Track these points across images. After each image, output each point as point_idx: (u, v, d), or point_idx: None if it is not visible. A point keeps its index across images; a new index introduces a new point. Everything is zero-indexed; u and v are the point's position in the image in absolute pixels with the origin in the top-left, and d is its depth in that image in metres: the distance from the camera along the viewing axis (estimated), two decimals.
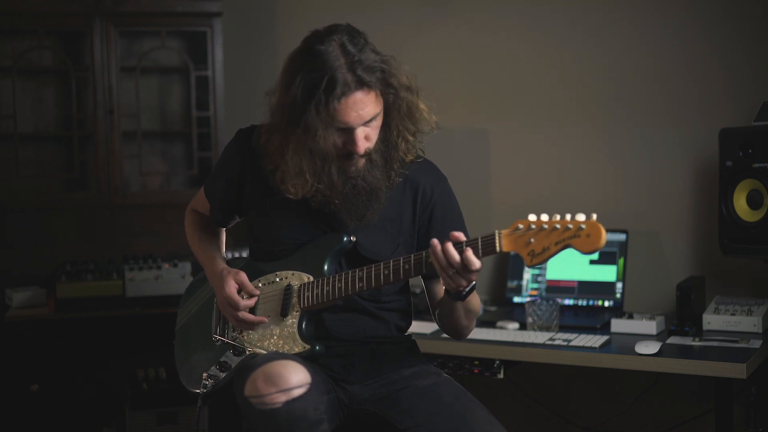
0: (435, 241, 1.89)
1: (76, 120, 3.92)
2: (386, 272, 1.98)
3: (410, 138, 2.07)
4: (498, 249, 1.85)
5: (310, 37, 1.99)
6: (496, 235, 1.86)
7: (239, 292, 2.12)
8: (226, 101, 3.95)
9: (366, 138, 1.98)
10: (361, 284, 2.01)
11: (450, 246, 1.88)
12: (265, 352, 2.08)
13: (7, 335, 3.67)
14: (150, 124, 4.11)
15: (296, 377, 1.89)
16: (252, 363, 1.97)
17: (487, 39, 3.55)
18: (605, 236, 1.77)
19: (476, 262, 1.87)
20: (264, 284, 2.15)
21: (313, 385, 1.91)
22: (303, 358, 2.02)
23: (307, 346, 2.06)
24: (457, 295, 1.96)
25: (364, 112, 1.94)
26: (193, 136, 3.99)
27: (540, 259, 1.82)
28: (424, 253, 1.95)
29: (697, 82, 3.19)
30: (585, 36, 3.37)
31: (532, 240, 1.83)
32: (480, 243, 1.87)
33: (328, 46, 1.93)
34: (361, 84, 1.92)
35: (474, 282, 1.95)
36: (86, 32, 3.85)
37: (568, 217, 1.81)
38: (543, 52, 3.46)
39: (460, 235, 1.90)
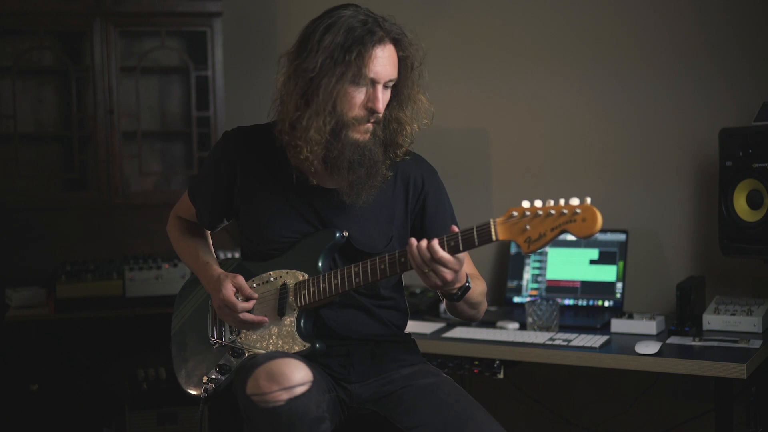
0: (412, 239, 1.91)
1: (76, 120, 3.93)
2: (382, 266, 1.99)
3: (406, 126, 2.09)
4: (494, 237, 1.85)
5: (330, 9, 2.04)
6: (491, 223, 1.86)
7: (236, 295, 2.12)
8: (226, 101, 3.95)
9: (383, 101, 2.01)
10: (357, 279, 2.01)
11: (424, 243, 1.89)
12: (264, 352, 2.08)
13: (7, 335, 3.67)
14: (150, 124, 4.11)
15: (298, 375, 1.89)
16: (253, 362, 1.97)
17: (486, 38, 3.55)
18: (601, 220, 1.74)
19: (444, 255, 1.87)
20: (258, 284, 2.14)
21: (315, 383, 1.91)
22: (304, 357, 2.02)
23: (308, 345, 2.06)
24: (450, 295, 1.98)
25: (390, 69, 2.01)
26: (193, 136, 4.00)
27: (537, 245, 1.81)
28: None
29: (697, 82, 3.19)
30: (584, 36, 3.37)
31: (527, 227, 1.82)
32: (475, 232, 1.87)
33: (354, 8, 2.02)
34: (393, 39, 2.01)
35: (465, 284, 1.97)
36: (86, 32, 3.85)
37: (561, 201, 1.79)
38: (542, 52, 3.45)
39: (435, 242, 1.90)
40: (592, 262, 3.22)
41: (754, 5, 3.10)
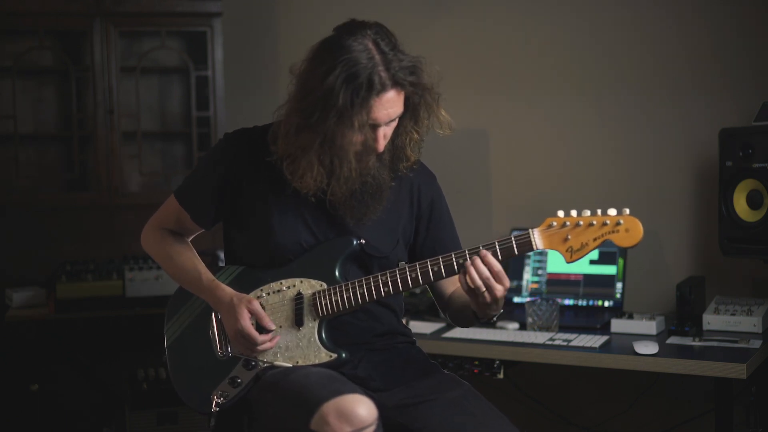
0: (475, 259, 1.90)
1: (76, 120, 3.93)
2: (413, 275, 1.97)
3: (416, 137, 2.06)
4: (535, 247, 1.88)
5: (342, 29, 1.95)
6: (531, 233, 1.88)
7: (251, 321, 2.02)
8: (226, 101, 3.95)
9: (384, 137, 1.97)
10: (386, 288, 1.99)
11: (478, 260, 1.90)
12: (284, 363, 2.02)
13: (7, 335, 3.67)
14: (150, 124, 4.11)
15: (369, 414, 1.81)
16: (309, 392, 1.87)
17: (485, 37, 3.55)
18: (642, 230, 1.82)
19: (496, 263, 1.89)
20: (269, 294, 2.07)
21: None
22: (331, 368, 1.98)
23: (334, 355, 2.01)
24: (487, 322, 2.00)
25: (392, 111, 1.93)
26: (193, 136, 4.00)
27: (579, 255, 1.86)
28: (453, 255, 1.94)
29: (697, 82, 3.19)
30: (585, 36, 3.37)
31: (569, 236, 1.86)
32: (514, 242, 1.89)
33: (363, 41, 1.90)
34: (396, 83, 1.91)
35: (501, 308, 1.97)
36: (86, 32, 3.85)
37: (599, 212, 1.85)
38: (543, 53, 3.46)
39: (487, 253, 1.91)
40: (592, 262, 3.22)
41: (754, 5, 3.10)
